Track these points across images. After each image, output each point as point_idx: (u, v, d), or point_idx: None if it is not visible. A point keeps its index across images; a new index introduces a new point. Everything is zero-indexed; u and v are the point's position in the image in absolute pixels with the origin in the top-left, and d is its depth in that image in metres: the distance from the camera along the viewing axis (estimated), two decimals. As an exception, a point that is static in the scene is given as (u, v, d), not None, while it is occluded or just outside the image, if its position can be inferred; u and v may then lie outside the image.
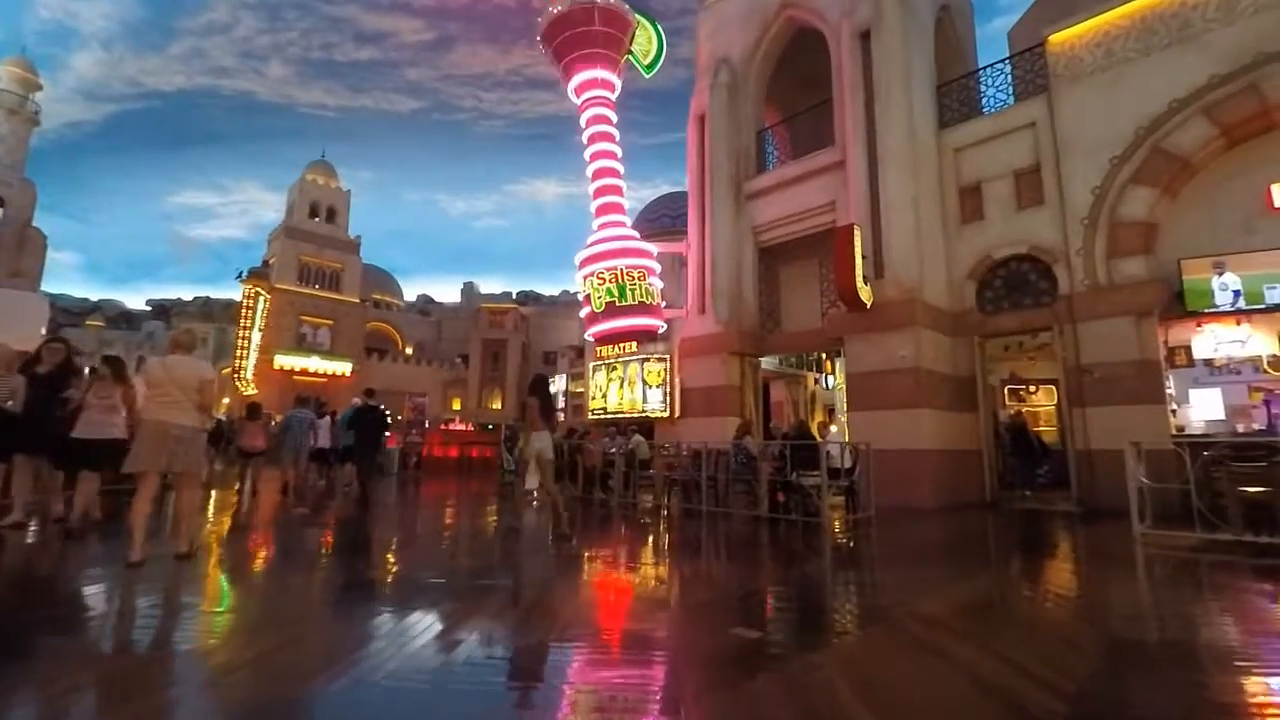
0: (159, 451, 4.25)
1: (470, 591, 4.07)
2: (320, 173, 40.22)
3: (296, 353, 34.56)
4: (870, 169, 10.96)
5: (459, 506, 10.38)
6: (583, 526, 7.90)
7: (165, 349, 4.94)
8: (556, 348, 46.18)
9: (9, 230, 27.61)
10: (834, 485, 7.45)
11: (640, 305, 14.77)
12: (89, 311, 53.84)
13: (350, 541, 6.28)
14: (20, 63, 32.25)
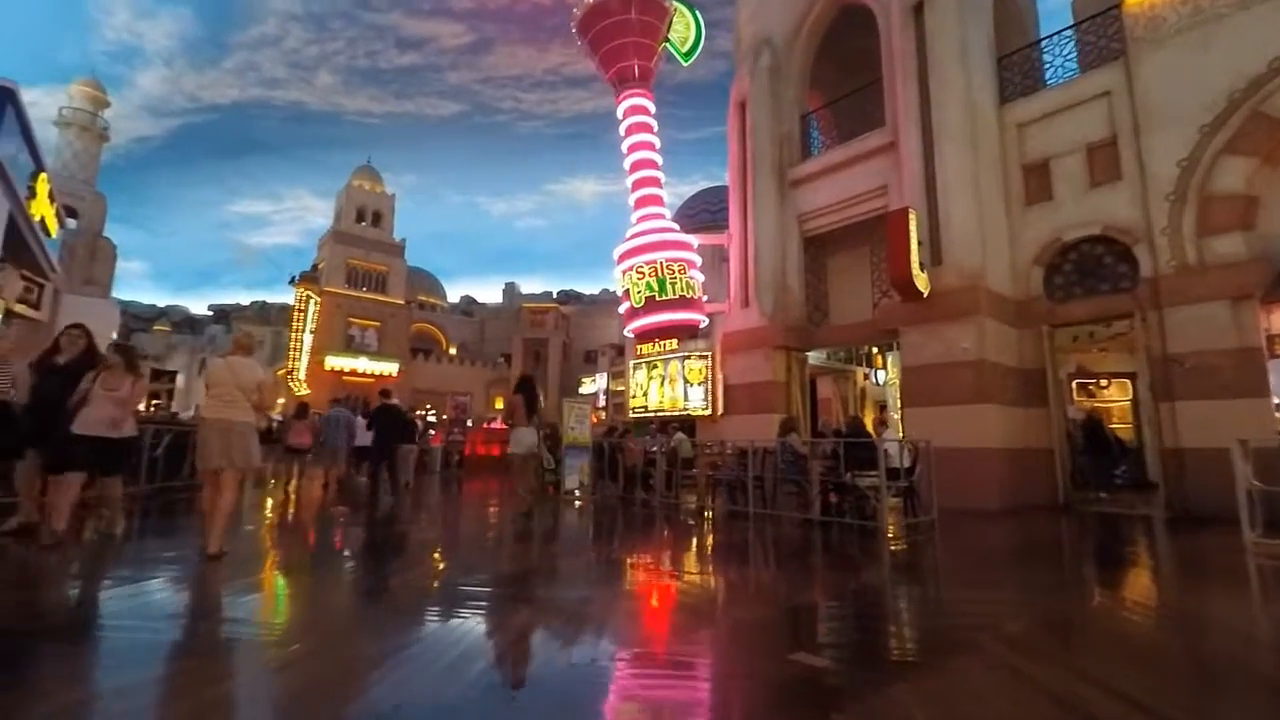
0: (225, 448, 4.46)
1: (501, 602, 3.80)
2: (366, 178, 41.24)
3: (346, 354, 35.52)
4: (925, 150, 10.28)
5: (497, 505, 10.25)
6: (623, 528, 7.61)
7: (228, 350, 5.05)
8: (597, 346, 46.24)
9: (82, 241, 29.39)
10: (892, 486, 6.91)
11: (681, 300, 14.34)
12: (156, 317, 57.02)
13: (384, 542, 6.14)
14: (90, 83, 34.29)
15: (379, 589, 4.09)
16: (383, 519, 7.58)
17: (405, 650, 2.80)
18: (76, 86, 33.96)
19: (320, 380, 33.96)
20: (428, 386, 39.43)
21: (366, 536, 6.39)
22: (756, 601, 4.04)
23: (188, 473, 9.52)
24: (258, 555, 5.18)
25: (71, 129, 32.99)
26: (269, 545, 5.73)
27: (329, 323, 35.01)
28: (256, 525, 7.03)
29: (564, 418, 10.19)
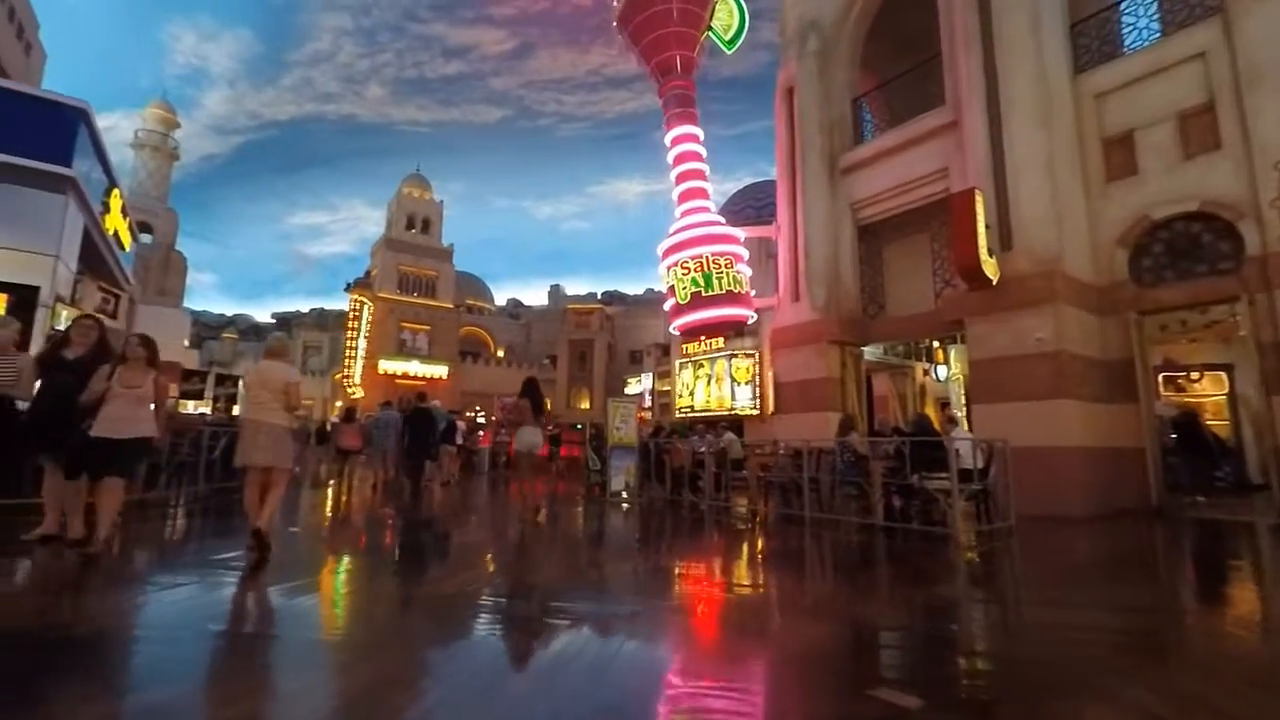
0: (261, 448, 4.63)
1: (540, 616, 3.53)
2: (416, 186, 42.33)
3: (398, 357, 36.49)
4: (991, 127, 9.53)
5: (552, 503, 10.09)
6: (671, 533, 7.29)
7: (261, 356, 5.22)
8: (642, 346, 46.07)
9: (156, 254, 31.29)
10: (964, 490, 6.34)
11: (728, 294, 13.86)
12: (224, 325, 60.29)
13: (425, 547, 6.00)
14: (162, 105, 36.52)
15: (411, 599, 3.89)
16: (428, 522, 7.50)
17: (429, 677, 2.56)
18: (150, 109, 36.22)
19: (374, 383, 34.98)
20: (476, 388, 40.13)
21: (409, 541, 6.28)
22: (821, 620, 3.64)
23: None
24: (303, 558, 5.11)
25: (145, 149, 35.17)
26: (315, 548, 5.68)
27: (382, 327, 36.05)
28: (305, 526, 7.07)
29: (609, 418, 9.94)
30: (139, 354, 4.43)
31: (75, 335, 4.72)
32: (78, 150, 11.08)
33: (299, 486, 11.38)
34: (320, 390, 38.26)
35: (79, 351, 4.61)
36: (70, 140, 10.98)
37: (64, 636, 2.75)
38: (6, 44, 16.20)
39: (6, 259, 10.31)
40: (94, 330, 4.73)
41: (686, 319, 14.88)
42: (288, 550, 5.04)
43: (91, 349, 4.60)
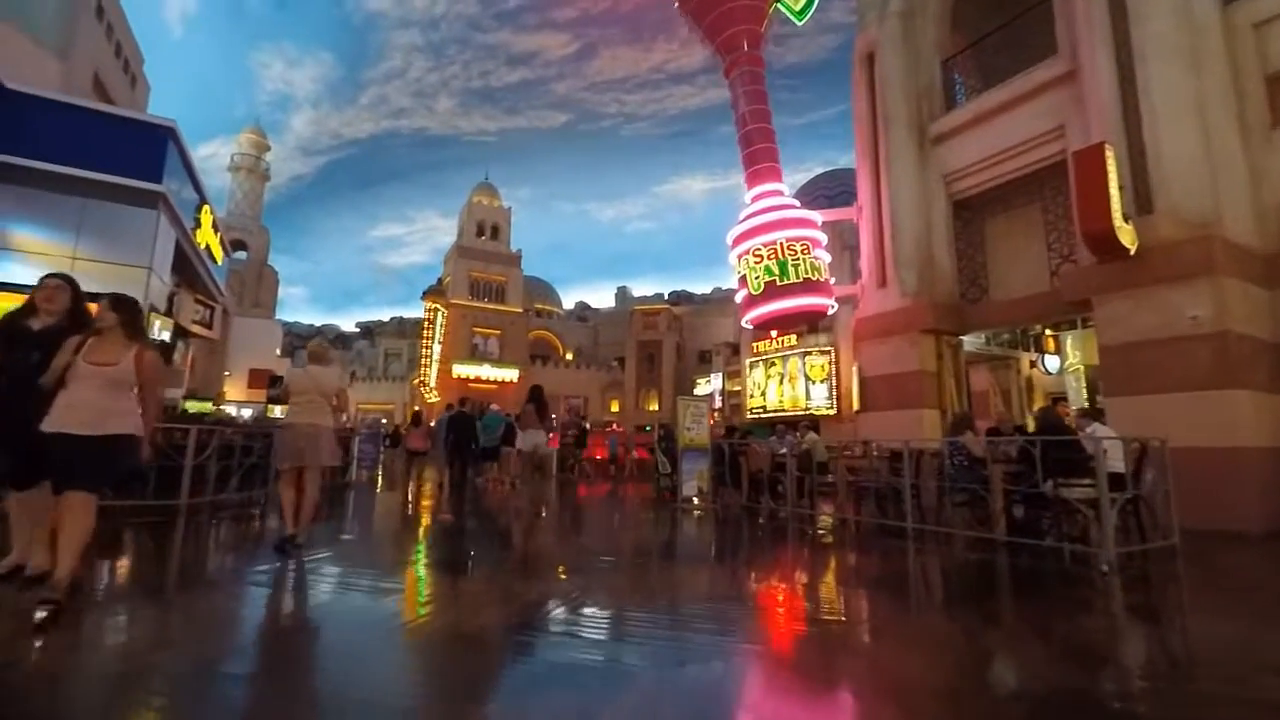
0: (306, 449, 4.64)
1: (600, 644, 2.88)
2: (485, 194, 43.33)
3: (470, 362, 37.35)
4: (1120, 72, 8.12)
5: (610, 512, 9.52)
6: (750, 545, 6.50)
7: (305, 361, 5.22)
8: (711, 346, 45.08)
9: (251, 269, 33.56)
10: (1114, 499, 5.18)
11: (805, 283, 12.77)
12: (313, 335, 64.31)
13: (490, 553, 5.52)
14: (255, 130, 39.30)
15: (457, 623, 3.34)
16: (492, 527, 7.08)
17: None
18: (244, 135, 39.06)
19: (449, 387, 35.92)
20: (546, 391, 40.50)
21: (473, 549, 5.84)
22: (941, 667, 2.79)
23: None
24: (359, 559, 4.74)
25: (240, 172, 37.90)
26: (374, 549, 5.34)
27: (455, 333, 37.01)
28: (361, 525, 6.84)
29: (679, 418, 9.24)
30: (109, 320, 3.17)
31: (41, 300, 3.41)
32: (167, 167, 11.58)
33: (392, 489, 11.45)
34: (400, 395, 39.82)
35: (48, 320, 3.38)
36: (160, 158, 11.49)
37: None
38: (114, 77, 17.47)
39: (103, 272, 10.85)
40: (63, 291, 3.46)
41: (760, 311, 13.84)
42: (342, 549, 4.70)
43: (63, 318, 3.39)
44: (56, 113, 10.80)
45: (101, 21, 16.62)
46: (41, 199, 10.57)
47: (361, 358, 48.83)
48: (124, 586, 4.00)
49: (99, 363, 3.08)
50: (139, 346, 3.24)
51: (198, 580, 4.17)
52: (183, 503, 6.64)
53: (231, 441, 7.80)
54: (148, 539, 5.48)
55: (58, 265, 10.65)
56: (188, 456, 6.78)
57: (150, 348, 3.35)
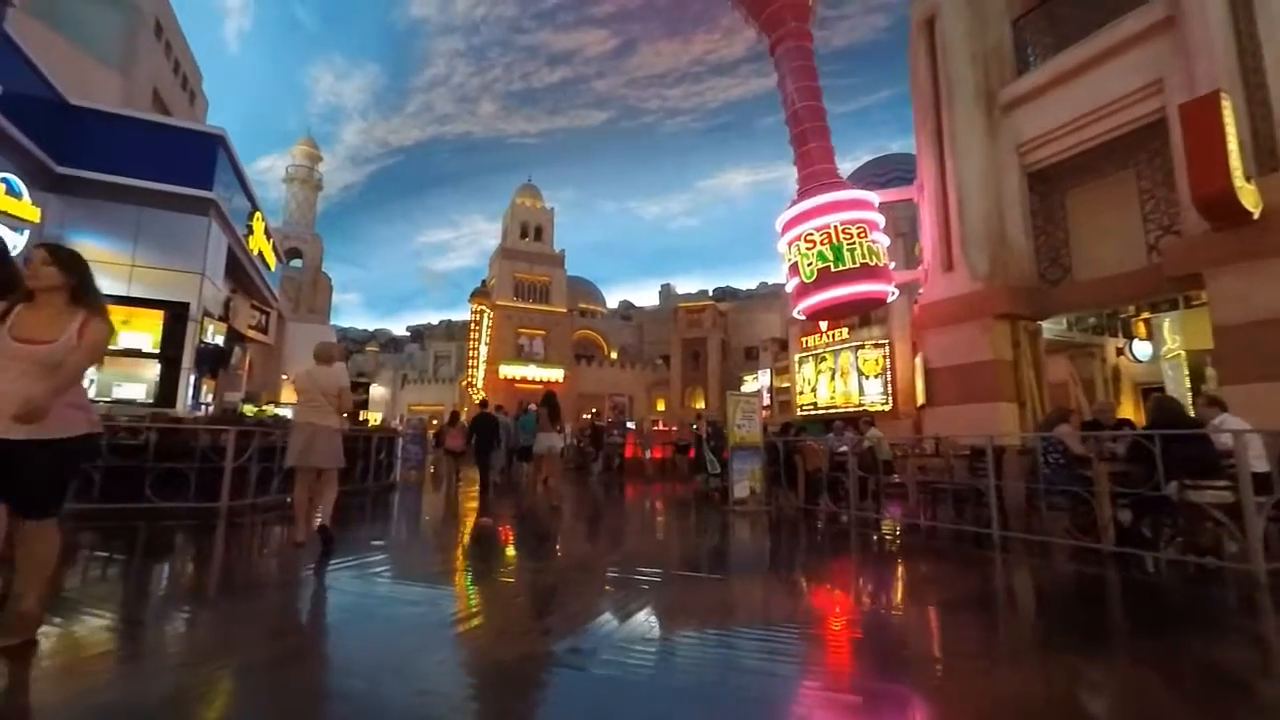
0: (317, 450, 4.71)
1: (639, 676, 2.39)
2: (528, 196, 43.62)
3: (516, 362, 37.60)
4: (1234, 13, 7.07)
5: (655, 516, 9.02)
6: (810, 554, 5.88)
7: (312, 361, 5.16)
8: (757, 342, 44.07)
9: (306, 276, 34.77)
10: (1261, 505, 4.33)
11: (863, 268, 11.79)
12: (367, 340, 66.63)
13: (510, 569, 5.12)
14: (308, 142, 40.82)
15: (487, 645, 2.91)
16: (529, 531, 6.70)
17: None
18: (297, 147, 40.62)
19: (496, 388, 36.24)
20: (591, 390, 40.45)
21: (507, 558, 5.46)
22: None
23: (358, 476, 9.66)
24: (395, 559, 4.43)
25: (294, 183, 39.37)
26: (414, 551, 5.03)
27: (500, 334, 37.34)
28: (409, 529, 6.58)
29: (729, 414, 8.65)
30: (49, 278, 2.42)
31: None
32: (218, 174, 11.78)
33: (413, 487, 11.36)
34: (450, 396, 40.51)
35: None
36: (210, 165, 11.69)
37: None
38: (173, 93, 18.14)
39: (159, 278, 11.10)
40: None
41: (813, 300, 12.86)
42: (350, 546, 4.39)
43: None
44: (114, 125, 11.12)
45: (160, 40, 17.27)
46: (102, 209, 10.87)
47: (412, 361, 50.02)
48: (148, 594, 3.76)
49: (28, 339, 2.32)
50: (85, 314, 2.45)
51: (213, 591, 3.90)
52: (223, 505, 6.54)
53: (272, 443, 7.70)
54: (184, 542, 5.33)
55: (118, 273, 10.97)
56: (227, 459, 6.67)
57: (101, 314, 2.53)
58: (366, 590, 3.78)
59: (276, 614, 3.32)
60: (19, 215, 9.39)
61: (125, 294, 10.79)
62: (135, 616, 3.19)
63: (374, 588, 3.86)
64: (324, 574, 4.03)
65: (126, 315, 10.74)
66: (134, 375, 10.95)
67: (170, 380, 10.94)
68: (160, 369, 10.94)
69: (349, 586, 3.82)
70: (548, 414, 8.71)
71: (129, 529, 5.57)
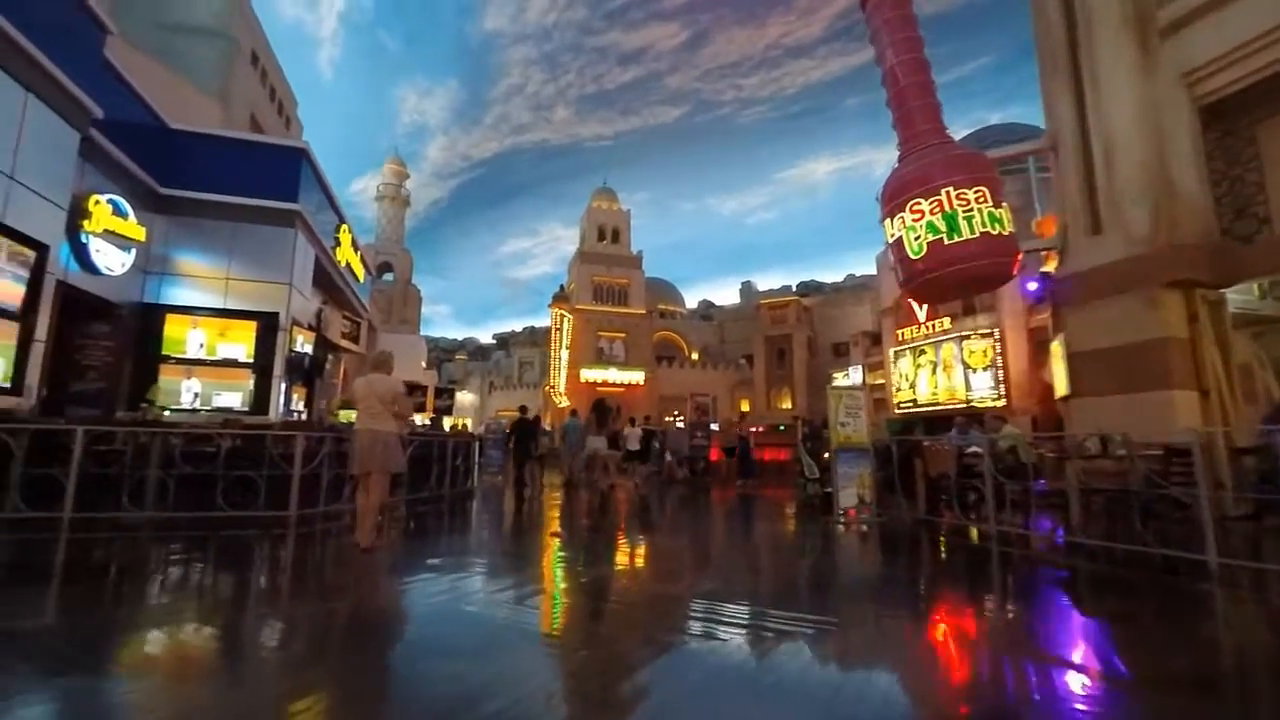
0: (370, 454, 4.84)
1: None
2: (603, 198, 43.60)
3: (597, 366, 37.48)
4: None
5: (743, 527, 8.03)
6: (946, 581, 4.70)
7: (367, 369, 5.44)
8: (846, 337, 41.61)
9: (397, 288, 36.46)
10: None
11: (984, 238, 9.90)
12: (456, 349, 69.41)
13: (578, 599, 4.35)
14: (396, 160, 42.97)
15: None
16: (601, 546, 5.96)
17: None
18: (386, 166, 42.87)
19: (577, 392, 36.27)
20: (672, 393, 39.64)
21: (576, 579, 4.72)
22: None
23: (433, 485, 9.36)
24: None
25: (384, 200, 41.50)
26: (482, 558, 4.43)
27: (581, 338, 37.37)
28: (477, 539, 6.06)
29: (831, 411, 7.53)
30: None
31: None
32: (302, 186, 12.07)
33: (490, 493, 11.02)
34: (535, 401, 41.11)
35: None
36: (295, 178, 11.98)
37: None
38: (269, 118, 19.19)
39: (250, 290, 11.43)
40: None
41: (923, 279, 10.88)
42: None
43: None
44: (208, 145, 11.63)
45: (256, 68, 18.30)
46: (200, 226, 11.34)
47: (498, 367, 51.43)
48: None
49: None
50: None
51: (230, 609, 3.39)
52: (292, 514, 6.27)
53: (345, 449, 7.45)
54: (246, 553, 5.01)
55: (216, 286, 11.40)
56: (295, 465, 6.40)
57: None
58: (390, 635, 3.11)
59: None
60: (126, 234, 9.85)
61: (222, 306, 11.19)
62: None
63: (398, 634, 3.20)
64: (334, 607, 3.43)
65: (223, 327, 11.13)
66: (232, 385, 11.30)
67: (263, 388, 11.21)
68: (254, 378, 11.23)
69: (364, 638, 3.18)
70: (595, 419, 9.39)
71: (196, 539, 5.34)
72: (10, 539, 5.07)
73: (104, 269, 9.57)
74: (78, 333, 9.94)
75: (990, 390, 26.95)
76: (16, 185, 7.24)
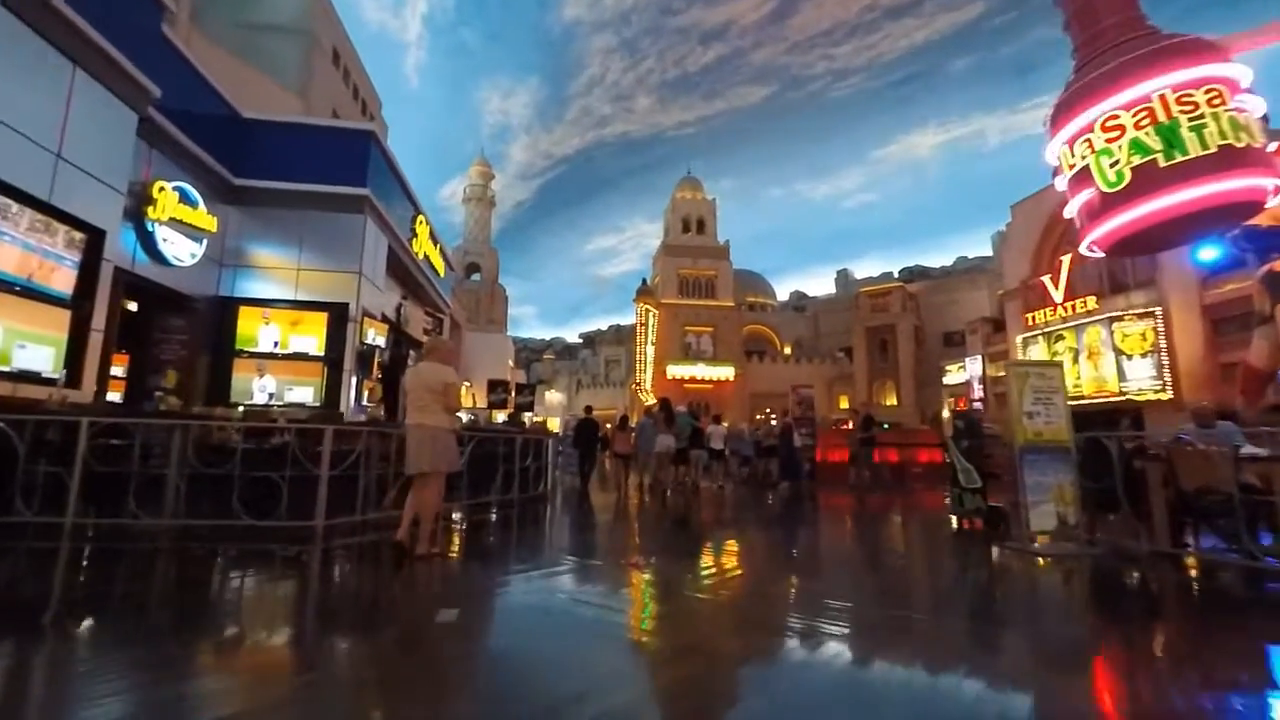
0: (421, 451, 4.37)
1: None
2: (688, 188, 42.02)
3: (684, 361, 35.97)
4: None
5: (875, 554, 6.17)
6: (1212, 661, 2.71)
7: (422, 357, 4.89)
8: (958, 326, 37.43)
9: (484, 288, 36.79)
10: None
11: (1224, 153, 6.79)
12: (544, 349, 70.29)
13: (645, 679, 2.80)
14: (482, 162, 43.66)
15: None
16: (686, 579, 4.40)
17: None
18: (472, 168, 43.66)
19: (664, 389, 34.89)
20: (764, 389, 37.31)
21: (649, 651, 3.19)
22: None
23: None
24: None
25: (471, 202, 42.20)
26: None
27: (667, 332, 36.00)
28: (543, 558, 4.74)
29: (1013, 397, 5.49)
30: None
31: None
32: (372, 172, 11.45)
33: (569, 496, 9.81)
34: (621, 399, 40.23)
35: None
36: (363, 163, 11.35)
37: None
38: (351, 114, 19.27)
39: (320, 281, 10.87)
40: None
41: (1123, 219, 7.74)
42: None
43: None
44: (277, 133, 11.24)
45: (338, 67, 18.32)
46: (271, 216, 10.97)
47: (585, 366, 51.22)
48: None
49: None
50: None
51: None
52: (319, 525, 5.20)
53: (387, 449, 6.37)
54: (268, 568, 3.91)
55: (286, 278, 10.95)
56: (323, 466, 5.32)
57: None
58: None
59: None
60: (195, 224, 9.46)
61: (293, 298, 10.74)
62: None
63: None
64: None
65: (295, 319, 10.66)
66: (304, 379, 10.81)
67: (334, 382, 10.63)
68: (325, 371, 10.66)
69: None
70: (664, 418, 9.53)
71: (203, 552, 4.35)
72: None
73: (173, 259, 9.19)
74: (156, 327, 9.70)
75: (1151, 380, 22.58)
76: (66, 165, 6.73)
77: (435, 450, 4.42)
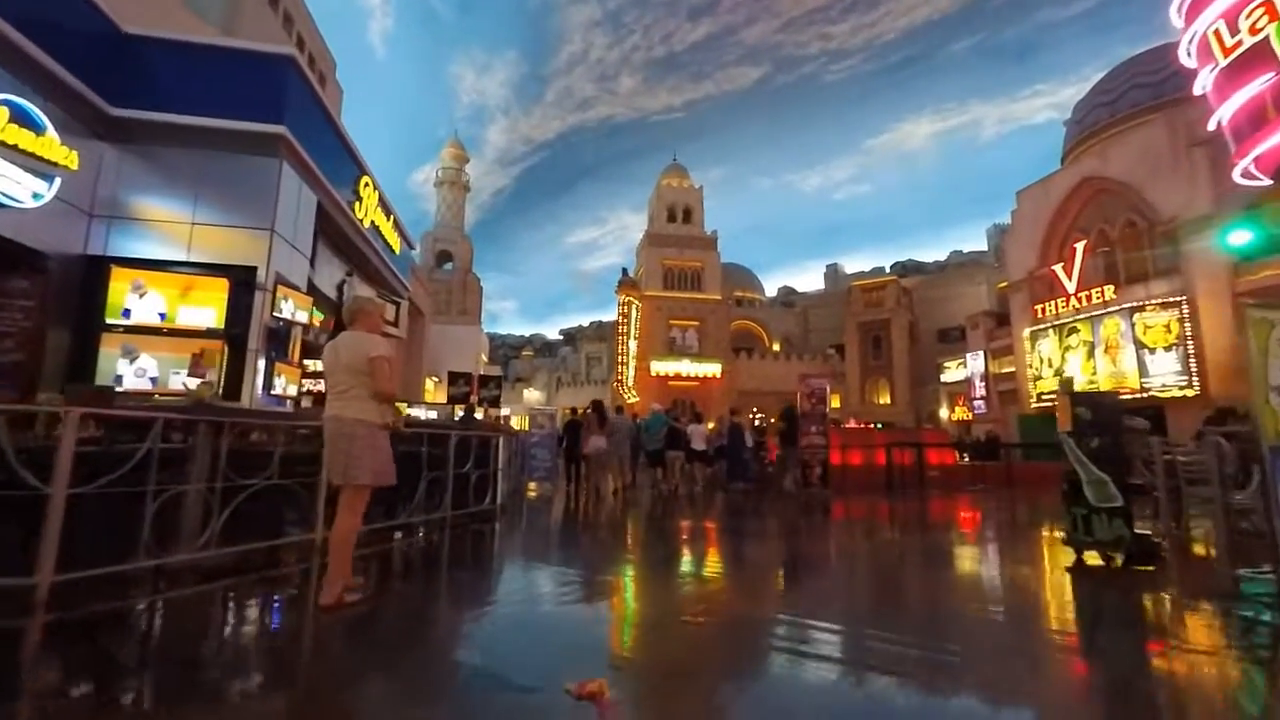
0: (335, 457, 3.16)
1: None
2: (674, 176, 40.04)
3: (668, 357, 33.95)
4: None
5: (985, 580, 4.15)
6: None
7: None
8: (955, 322, 35.96)
9: (456, 277, 34.41)
10: None
11: None
12: (523, 345, 67.74)
13: None
14: (455, 144, 41.19)
15: None
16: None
17: None
18: (445, 150, 41.19)
19: (647, 386, 32.84)
20: (752, 387, 35.38)
21: None
22: None
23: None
24: None
25: (444, 186, 39.74)
26: None
27: (650, 326, 33.94)
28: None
29: (1255, 374, 3.45)
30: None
31: None
32: (290, 105, 9.17)
33: (537, 506, 7.66)
34: (603, 398, 38.07)
35: None
36: (278, 94, 8.99)
37: None
38: (294, 69, 16.74)
39: (220, 239, 8.54)
40: None
41: None
42: None
43: None
44: (173, 55, 8.91)
45: (276, 11, 15.92)
46: (160, 157, 8.67)
47: (565, 364, 48.94)
48: None
49: None
50: None
51: None
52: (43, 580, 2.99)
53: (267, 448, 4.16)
54: None
55: (176, 235, 8.59)
56: (57, 479, 3.11)
57: None
58: None
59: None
60: (40, 154, 7.10)
61: (185, 259, 8.46)
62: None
63: None
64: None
65: (187, 284, 8.36)
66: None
67: (236, 365, 8.35)
68: (225, 351, 8.36)
69: None
70: (596, 419, 9.52)
71: None
72: None
73: (2, 197, 6.85)
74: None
75: (1177, 376, 20.99)
76: None
77: (352, 454, 3.09)
